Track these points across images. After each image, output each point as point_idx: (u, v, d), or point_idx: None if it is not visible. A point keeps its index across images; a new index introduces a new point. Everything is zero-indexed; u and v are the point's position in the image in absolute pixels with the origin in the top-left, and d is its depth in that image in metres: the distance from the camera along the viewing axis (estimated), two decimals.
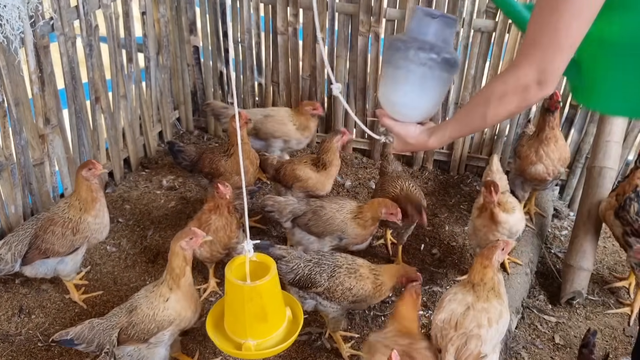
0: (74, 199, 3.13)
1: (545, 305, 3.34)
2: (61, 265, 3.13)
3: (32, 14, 3.13)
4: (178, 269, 2.62)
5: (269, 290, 2.30)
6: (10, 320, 3.14)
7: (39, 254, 3.05)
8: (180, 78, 4.67)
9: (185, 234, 2.65)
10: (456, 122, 1.83)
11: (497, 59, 4.00)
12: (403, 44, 1.86)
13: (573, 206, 4.13)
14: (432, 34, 1.83)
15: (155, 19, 4.26)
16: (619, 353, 3.09)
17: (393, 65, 1.89)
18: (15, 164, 3.34)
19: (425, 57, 1.81)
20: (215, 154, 3.67)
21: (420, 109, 1.92)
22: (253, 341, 2.32)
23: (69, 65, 3.57)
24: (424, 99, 1.89)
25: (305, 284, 2.88)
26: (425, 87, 1.86)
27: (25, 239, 3.06)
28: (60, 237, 3.04)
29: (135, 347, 2.64)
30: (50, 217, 3.11)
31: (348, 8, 4.08)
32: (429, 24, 1.84)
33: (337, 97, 4.04)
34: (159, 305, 2.62)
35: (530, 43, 1.54)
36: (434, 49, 1.81)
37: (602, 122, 3.68)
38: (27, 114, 3.35)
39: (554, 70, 1.52)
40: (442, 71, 1.84)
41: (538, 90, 1.55)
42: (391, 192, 3.38)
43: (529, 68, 1.54)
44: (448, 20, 1.85)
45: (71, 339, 2.58)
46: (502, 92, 1.60)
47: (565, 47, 1.50)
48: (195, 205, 4.05)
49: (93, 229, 3.13)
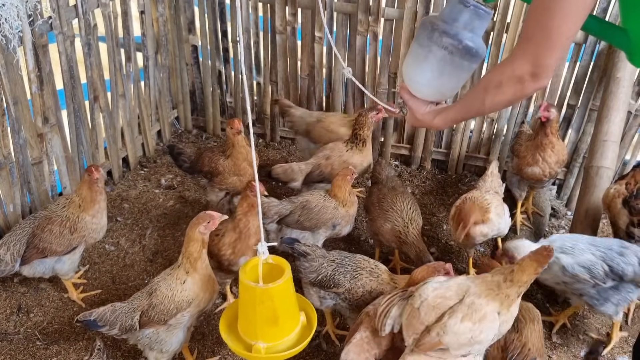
0: (75, 195, 3.14)
1: (542, 305, 3.35)
2: (59, 264, 3.14)
3: (30, 13, 3.13)
4: (196, 253, 2.65)
5: (281, 293, 2.29)
6: (9, 318, 3.14)
7: (37, 254, 3.05)
8: (179, 77, 4.68)
9: (202, 218, 2.66)
10: (459, 105, 1.92)
11: (495, 59, 4.01)
12: (431, 25, 1.91)
13: (570, 205, 4.14)
14: (462, 22, 1.87)
15: (154, 18, 4.27)
16: (615, 352, 3.11)
17: (418, 43, 1.95)
18: (13, 162, 3.34)
19: (447, 41, 1.86)
20: (214, 153, 3.67)
21: (433, 88, 1.98)
22: (263, 344, 2.32)
23: (68, 64, 3.57)
24: (439, 80, 1.94)
25: (327, 284, 2.84)
26: (442, 70, 1.91)
27: (23, 238, 3.06)
28: (58, 235, 3.05)
29: (154, 329, 2.66)
30: (48, 215, 3.11)
31: (346, 7, 4.09)
32: (460, 11, 1.88)
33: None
34: (177, 287, 2.65)
35: (525, 38, 1.63)
36: (457, 35, 1.86)
37: (600, 121, 3.69)
38: (26, 112, 3.35)
39: (548, 64, 1.60)
40: (462, 59, 1.88)
41: (532, 82, 1.64)
42: (391, 218, 3.29)
43: (523, 61, 1.63)
44: (480, 11, 1.88)
45: (94, 320, 2.61)
46: (499, 81, 1.70)
47: (557, 44, 1.57)
48: (194, 204, 4.06)
49: (90, 229, 3.14)
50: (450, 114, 1.93)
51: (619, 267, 2.80)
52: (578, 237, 2.97)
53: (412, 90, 2.01)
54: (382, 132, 4.47)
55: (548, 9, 1.54)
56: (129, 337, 2.72)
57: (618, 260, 2.82)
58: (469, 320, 2.22)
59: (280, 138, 4.81)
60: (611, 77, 3.66)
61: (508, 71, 1.67)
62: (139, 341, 2.71)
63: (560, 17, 1.53)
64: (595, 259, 2.82)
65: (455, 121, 1.97)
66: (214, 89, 4.74)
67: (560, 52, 1.59)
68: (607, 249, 2.87)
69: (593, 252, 2.85)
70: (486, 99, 1.76)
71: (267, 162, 4.49)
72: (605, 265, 2.81)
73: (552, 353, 3.08)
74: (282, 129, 4.78)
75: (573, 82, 3.97)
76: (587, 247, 2.87)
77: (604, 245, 2.89)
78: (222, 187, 3.67)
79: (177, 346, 2.76)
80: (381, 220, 3.33)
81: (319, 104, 4.54)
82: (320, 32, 4.20)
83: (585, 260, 2.82)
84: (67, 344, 3.02)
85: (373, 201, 3.48)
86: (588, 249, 2.86)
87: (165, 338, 2.69)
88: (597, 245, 2.88)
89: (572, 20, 1.54)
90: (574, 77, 3.95)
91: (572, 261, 2.82)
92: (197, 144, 4.76)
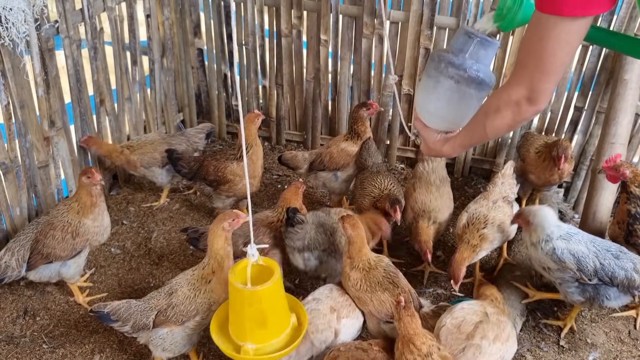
0: (73, 200, 3.14)
1: (550, 308, 3.33)
2: (64, 268, 3.14)
3: (37, 17, 3.15)
4: (222, 251, 2.62)
5: (270, 296, 2.30)
6: (15, 322, 3.15)
7: (42, 259, 3.06)
8: (185, 80, 4.68)
9: (228, 215, 2.65)
10: (464, 131, 2.00)
11: (501, 61, 4.00)
12: (439, 56, 2.01)
13: (578, 208, 4.11)
14: (468, 52, 1.97)
15: (160, 21, 4.28)
16: (624, 356, 3.08)
17: (427, 74, 2.07)
18: (20, 166, 3.35)
19: (453, 71, 1.96)
20: (219, 160, 3.63)
21: (443, 118, 2.07)
22: (252, 345, 2.32)
23: (74, 68, 3.59)
24: (448, 110, 2.03)
25: (312, 246, 3.04)
26: (450, 99, 2.00)
27: (27, 244, 3.07)
28: (60, 241, 3.05)
29: (170, 329, 2.64)
30: (49, 221, 3.12)
31: (352, 10, 4.09)
32: (466, 42, 1.99)
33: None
34: (201, 288, 2.63)
35: (520, 64, 1.69)
36: (463, 65, 1.95)
37: (607, 124, 3.66)
38: (32, 116, 3.36)
39: (543, 89, 1.66)
40: (469, 87, 1.97)
41: (529, 106, 1.69)
42: (370, 192, 3.41)
43: (518, 86, 1.69)
44: (486, 42, 1.98)
45: (108, 313, 2.61)
46: (497, 106, 1.77)
47: (550, 71, 1.63)
48: (200, 208, 4.06)
49: (93, 232, 3.14)
50: (457, 140, 2.02)
51: (610, 268, 2.81)
52: (582, 232, 2.97)
53: (424, 121, 2.11)
54: (388, 134, 4.46)
55: (540, 38, 1.59)
56: (140, 336, 2.70)
57: (612, 261, 2.83)
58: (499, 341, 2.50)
59: (286, 141, 4.81)
60: (618, 79, 3.63)
61: (504, 96, 1.73)
62: (151, 341, 2.68)
63: (553, 45, 1.58)
64: (588, 253, 2.82)
65: (463, 147, 2.03)
66: (219, 92, 4.74)
67: (555, 76, 1.64)
68: (604, 249, 2.88)
69: (588, 247, 2.85)
70: (487, 124, 1.82)
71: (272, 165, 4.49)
72: (598, 262, 2.81)
73: (560, 357, 3.06)
74: (287, 132, 4.78)
75: (580, 84, 3.95)
76: (585, 240, 2.88)
77: (603, 246, 2.90)
78: (229, 194, 3.66)
79: (189, 347, 2.76)
80: (362, 199, 3.45)
81: (325, 107, 4.53)
82: (325, 34, 4.20)
83: (578, 251, 2.82)
84: (74, 347, 3.02)
85: (356, 184, 3.64)
86: (585, 243, 2.87)
87: (179, 340, 2.68)
88: (596, 244, 2.89)
89: (565, 49, 1.59)
90: (581, 79, 3.93)
91: (564, 246, 2.83)
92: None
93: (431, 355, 2.30)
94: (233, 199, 3.71)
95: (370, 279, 2.74)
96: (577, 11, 1.51)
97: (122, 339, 3.03)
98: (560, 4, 1.52)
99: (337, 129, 4.55)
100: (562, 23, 1.54)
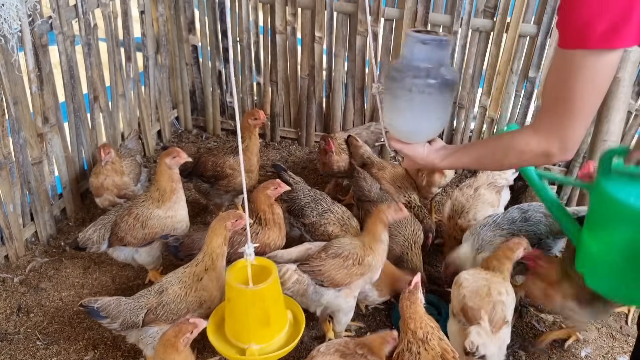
0: (154, 189, 3.15)
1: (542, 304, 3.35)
2: (137, 254, 3.19)
3: (30, 13, 3.13)
4: (218, 249, 2.61)
5: (271, 293, 2.30)
6: (9, 318, 3.14)
7: (117, 240, 3.12)
8: (179, 77, 4.68)
9: (232, 215, 2.65)
10: (471, 156, 1.90)
11: (495, 59, 4.01)
12: (399, 73, 1.88)
13: (570, 205, 4.14)
14: (426, 59, 1.85)
15: (154, 18, 4.27)
16: (616, 352, 3.10)
17: (392, 95, 1.92)
18: (13, 162, 3.34)
19: (422, 84, 1.84)
20: (217, 156, 3.63)
21: (425, 131, 1.98)
22: (256, 346, 2.32)
23: (68, 64, 3.57)
24: (428, 122, 1.94)
25: (297, 213, 3.20)
26: (427, 112, 1.90)
27: (108, 224, 3.14)
28: (132, 228, 3.09)
29: (160, 328, 2.62)
30: (129, 207, 3.16)
31: (347, 7, 4.09)
32: (420, 50, 1.86)
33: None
34: (192, 285, 2.62)
35: (547, 110, 1.61)
36: (430, 74, 1.83)
37: (600, 121, 3.68)
38: (26, 112, 3.35)
39: (574, 137, 1.60)
40: (442, 94, 1.87)
41: (560, 155, 1.64)
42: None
43: (551, 137, 1.61)
44: (440, 42, 1.86)
45: (97, 308, 2.57)
46: (522, 150, 1.70)
47: (580, 115, 1.56)
48: (194, 205, 4.06)
49: (164, 224, 3.13)
50: (460, 161, 1.94)
51: (531, 230, 3.03)
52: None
53: (403, 139, 1.99)
54: None
55: (566, 81, 1.52)
56: (129, 335, 2.67)
57: (526, 227, 3.05)
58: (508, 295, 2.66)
59: (280, 138, 4.81)
60: None
61: (534, 145, 1.66)
62: (141, 339, 2.66)
63: (581, 85, 1.51)
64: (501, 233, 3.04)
65: (464, 167, 1.99)
66: (214, 89, 4.74)
67: (586, 120, 1.58)
68: (509, 221, 3.07)
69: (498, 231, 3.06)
70: (504, 162, 1.77)
71: (267, 162, 4.49)
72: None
73: (552, 353, 3.08)
74: (282, 129, 4.78)
75: None
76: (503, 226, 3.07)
77: (507, 219, 3.09)
78: (228, 189, 3.65)
79: None
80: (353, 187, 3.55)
81: (319, 104, 4.54)
82: (320, 32, 4.20)
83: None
84: (67, 344, 3.02)
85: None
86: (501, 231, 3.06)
87: None
88: (501, 224, 3.07)
89: (593, 90, 1.52)
90: None
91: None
92: (197, 144, 4.76)
93: (428, 342, 2.28)
94: (232, 193, 3.71)
95: None
96: (604, 43, 1.44)
97: (116, 336, 3.02)
98: (585, 36, 1.44)
99: (332, 126, 4.56)
100: (589, 57, 1.46)
